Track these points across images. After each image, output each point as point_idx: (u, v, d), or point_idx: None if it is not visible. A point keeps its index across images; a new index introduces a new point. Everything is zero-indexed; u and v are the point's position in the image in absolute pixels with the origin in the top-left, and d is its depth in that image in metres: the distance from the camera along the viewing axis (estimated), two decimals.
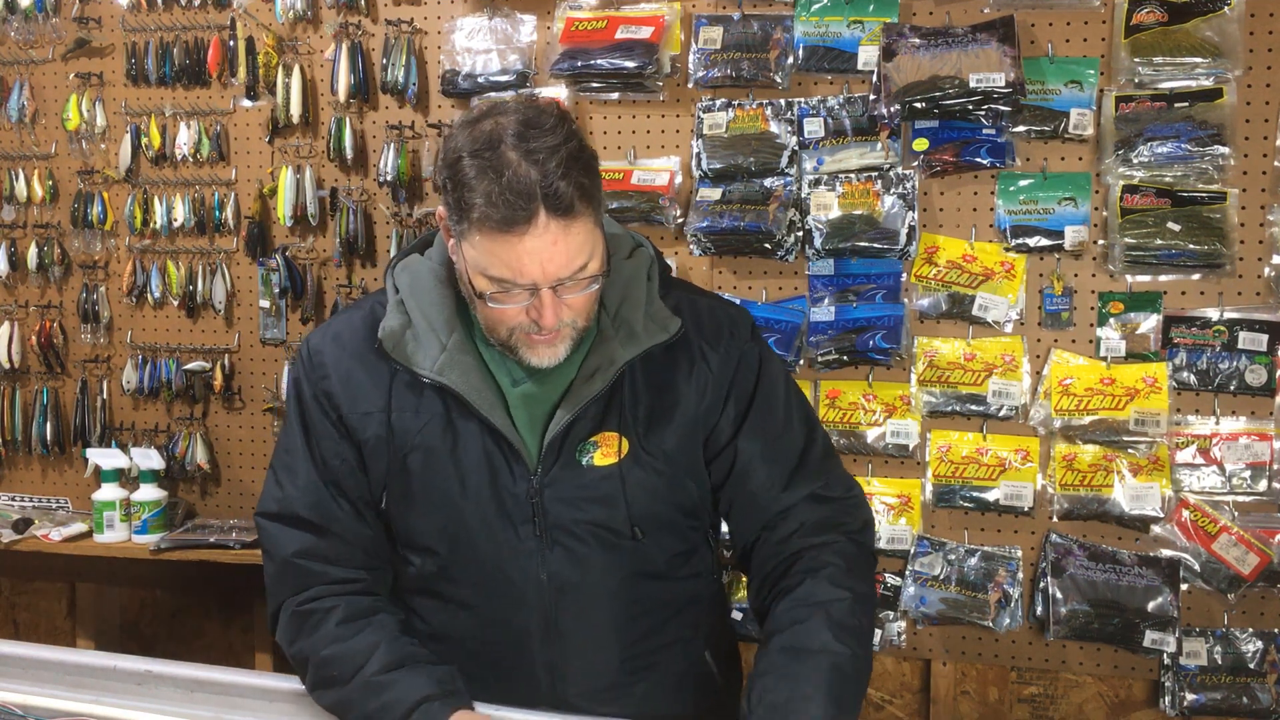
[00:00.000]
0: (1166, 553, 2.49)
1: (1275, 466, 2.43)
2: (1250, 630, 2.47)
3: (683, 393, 1.56)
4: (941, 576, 2.58)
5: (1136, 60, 2.44)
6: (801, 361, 2.65)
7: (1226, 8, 2.40)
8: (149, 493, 3.04)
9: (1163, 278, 2.48)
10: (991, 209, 2.57)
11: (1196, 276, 2.46)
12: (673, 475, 1.56)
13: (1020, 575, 2.56)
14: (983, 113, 2.48)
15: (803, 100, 2.65)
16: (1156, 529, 2.49)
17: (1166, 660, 2.48)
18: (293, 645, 1.54)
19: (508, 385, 1.54)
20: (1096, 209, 2.51)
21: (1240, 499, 2.46)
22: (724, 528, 1.70)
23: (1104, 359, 2.51)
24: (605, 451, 1.53)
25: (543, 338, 1.45)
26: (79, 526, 3.09)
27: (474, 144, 1.39)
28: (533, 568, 1.53)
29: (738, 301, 2.59)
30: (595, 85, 2.73)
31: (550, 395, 1.53)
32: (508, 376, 1.54)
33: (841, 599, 1.47)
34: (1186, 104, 2.43)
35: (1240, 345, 2.44)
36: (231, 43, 3.04)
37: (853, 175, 2.61)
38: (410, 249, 1.62)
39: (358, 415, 1.54)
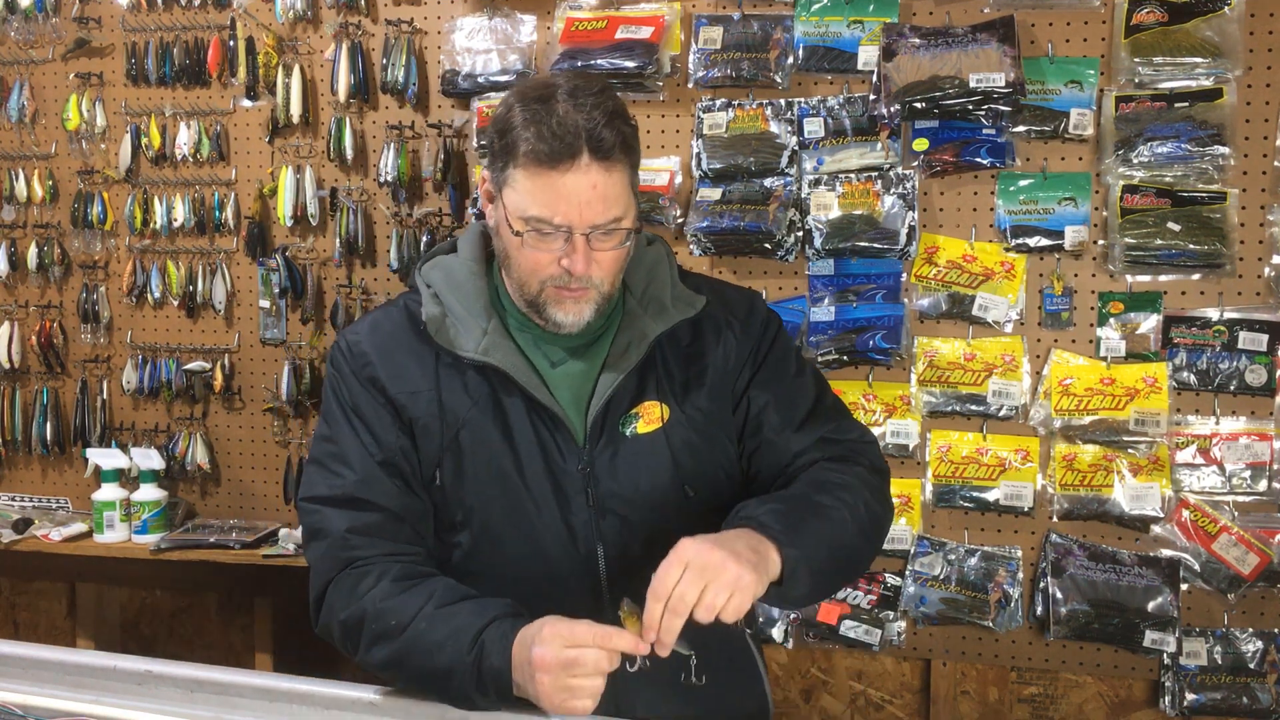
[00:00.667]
0: (1166, 553, 2.49)
1: (1275, 466, 2.43)
2: (1250, 630, 2.47)
3: (710, 360, 1.63)
4: (942, 576, 2.58)
5: (1136, 60, 2.44)
6: None
7: (1226, 8, 2.40)
8: (149, 493, 3.04)
9: (1163, 278, 2.48)
10: (991, 209, 2.57)
11: (1196, 276, 2.46)
12: (712, 434, 1.63)
13: (1020, 575, 2.56)
14: (983, 113, 2.48)
15: (803, 100, 2.65)
16: (1156, 529, 2.49)
17: (1166, 660, 2.48)
18: (344, 611, 1.51)
19: (546, 367, 1.59)
20: (1096, 209, 2.51)
21: (1240, 499, 2.46)
22: None
23: (1104, 359, 2.51)
24: (647, 420, 1.59)
25: (571, 292, 1.50)
26: (79, 526, 3.10)
27: (525, 95, 1.48)
28: (588, 540, 1.56)
29: None
30: None
31: (589, 374, 1.59)
32: (545, 359, 1.59)
33: (831, 473, 1.58)
34: (1186, 104, 2.43)
35: (1240, 345, 2.44)
36: (231, 43, 3.04)
37: (853, 175, 2.61)
38: (435, 252, 1.68)
39: (406, 394, 1.57)
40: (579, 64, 2.68)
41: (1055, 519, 2.54)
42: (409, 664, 1.45)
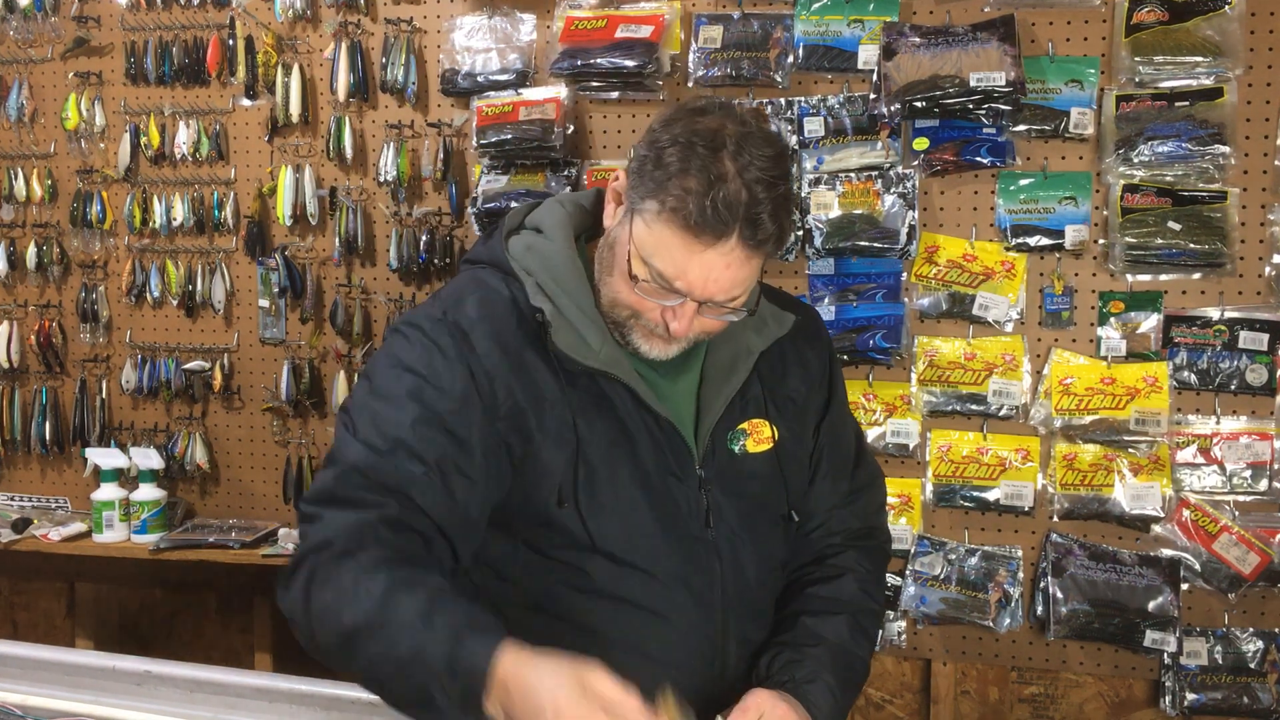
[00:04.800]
0: (1167, 552, 2.49)
1: (1276, 466, 2.43)
2: (1251, 630, 2.46)
3: (794, 384, 1.61)
4: (942, 576, 2.58)
5: (1137, 59, 2.44)
6: None
7: (1227, 7, 2.39)
8: (148, 492, 3.04)
9: (1163, 277, 2.48)
10: (992, 208, 2.57)
11: (1197, 276, 2.46)
12: (803, 457, 1.62)
13: (1020, 575, 2.56)
14: (983, 112, 2.47)
15: (803, 99, 2.64)
16: (1157, 528, 2.49)
17: (1167, 660, 2.48)
18: (324, 586, 1.31)
19: (654, 377, 1.50)
20: (1097, 208, 2.51)
21: (1241, 498, 2.46)
22: None
23: (1104, 358, 2.51)
24: (757, 439, 1.54)
25: (663, 339, 1.43)
26: (78, 526, 3.09)
27: (692, 134, 1.34)
28: (707, 560, 1.50)
29: None
30: (595, 84, 2.73)
31: (689, 386, 1.52)
32: (648, 368, 1.49)
33: (869, 610, 1.62)
34: (1187, 103, 2.42)
35: (1241, 345, 2.44)
36: (231, 42, 3.04)
37: (853, 174, 2.61)
38: (514, 225, 1.54)
39: (533, 404, 1.43)
40: (579, 63, 2.67)
41: (1055, 519, 2.54)
42: (362, 643, 1.26)
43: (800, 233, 2.63)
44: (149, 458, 3.07)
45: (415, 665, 1.23)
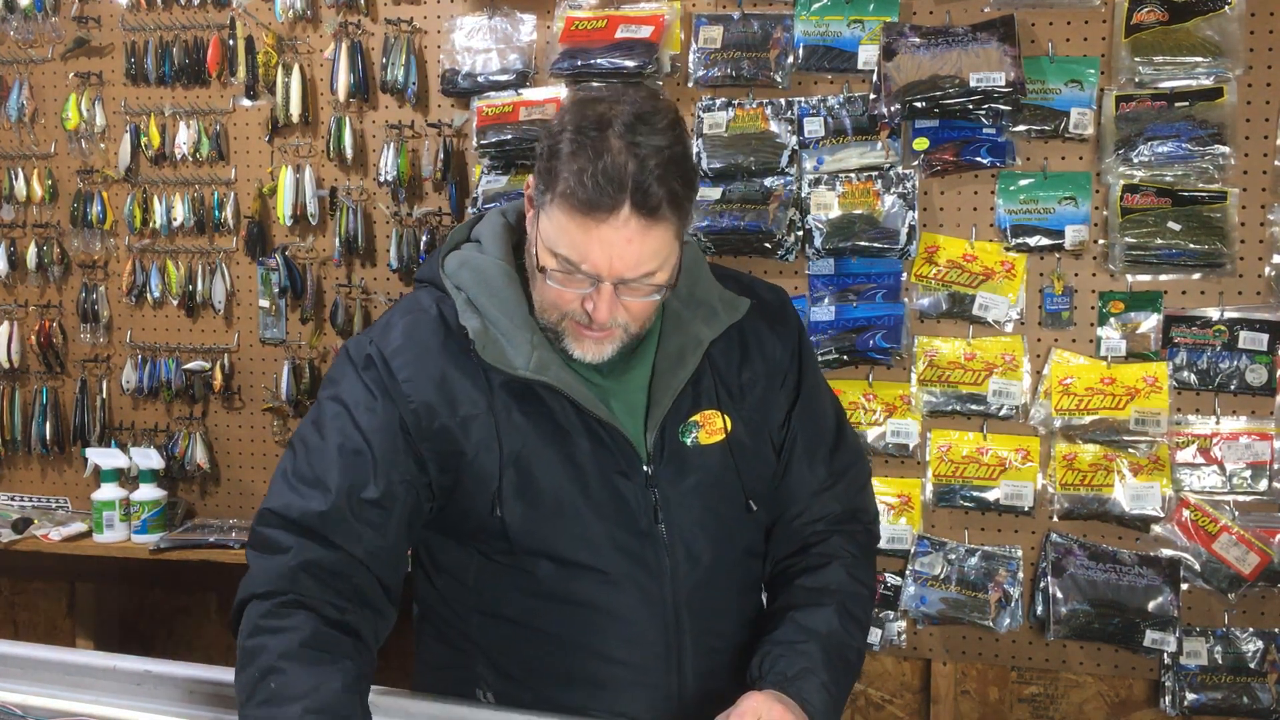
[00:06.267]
0: (1167, 552, 2.49)
1: (1276, 466, 2.43)
2: (1250, 630, 2.46)
3: (755, 369, 1.59)
4: (942, 576, 2.58)
5: (1137, 59, 2.44)
6: None
7: (1227, 7, 2.39)
8: (148, 492, 3.04)
9: (1163, 277, 2.48)
10: (992, 208, 2.57)
11: (1197, 276, 2.46)
12: (762, 445, 1.59)
13: (1020, 575, 2.56)
14: (983, 112, 2.47)
15: (803, 100, 2.64)
16: (1157, 529, 2.49)
17: (1167, 660, 2.48)
18: (249, 640, 1.39)
19: (596, 378, 1.50)
20: (1097, 208, 2.51)
21: (1240, 498, 2.46)
22: None
23: (1104, 358, 2.51)
24: (709, 430, 1.53)
25: (592, 333, 1.43)
26: (78, 526, 3.09)
27: (581, 121, 1.37)
28: (658, 559, 1.50)
29: None
30: (595, 85, 2.72)
31: (639, 381, 1.51)
32: (593, 369, 1.50)
33: (857, 595, 1.59)
34: (1187, 103, 2.42)
35: (1240, 345, 2.44)
36: (231, 42, 3.04)
37: (853, 175, 2.61)
38: (454, 243, 1.57)
39: (459, 420, 1.45)
40: (579, 63, 2.67)
41: (1055, 519, 2.54)
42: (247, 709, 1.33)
43: (800, 233, 2.63)
44: (149, 458, 3.07)
45: None
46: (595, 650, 1.50)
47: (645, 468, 1.49)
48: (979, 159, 2.52)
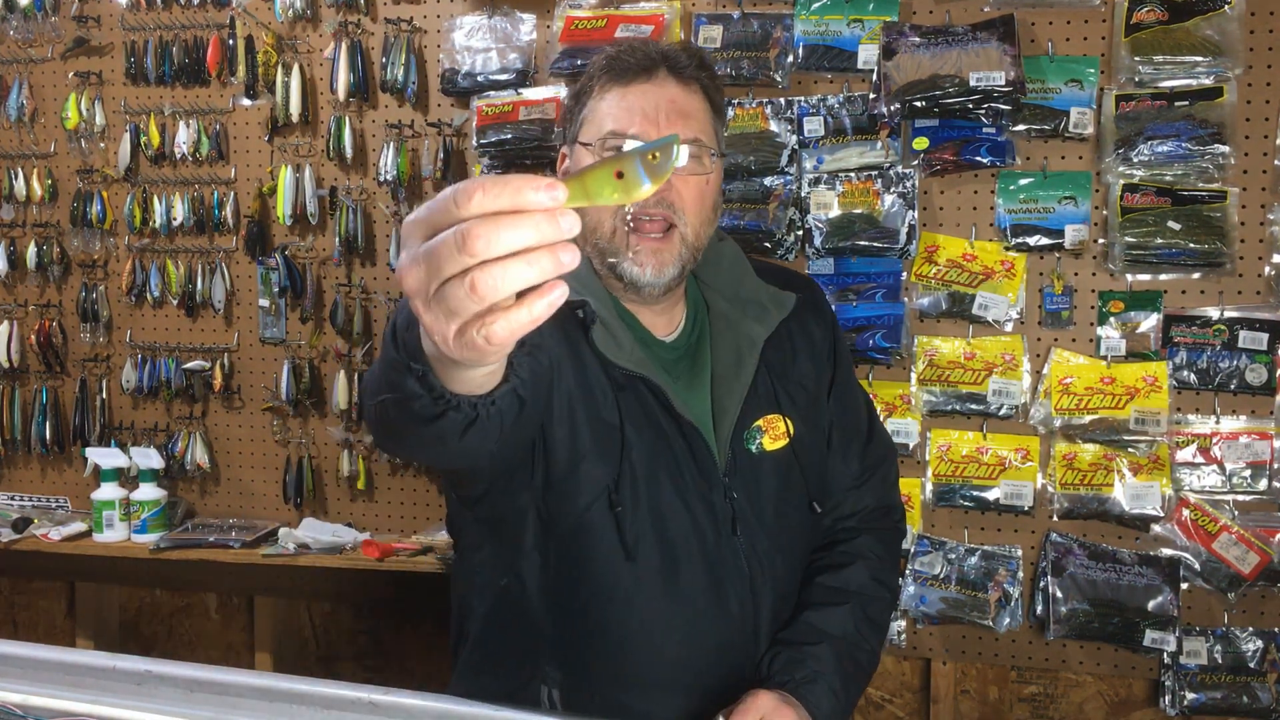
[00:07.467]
0: (1167, 552, 2.49)
1: (1275, 465, 2.43)
2: (1250, 629, 2.46)
3: (804, 366, 1.58)
4: (941, 576, 2.58)
5: (1137, 59, 2.44)
6: None
7: (1227, 6, 2.39)
8: (148, 492, 3.04)
9: (1163, 276, 2.48)
10: (991, 208, 2.57)
11: (1197, 275, 2.46)
12: (821, 444, 1.59)
13: (1020, 574, 2.56)
14: (983, 111, 2.47)
15: (803, 99, 2.64)
16: (1157, 528, 2.49)
17: (1167, 659, 2.48)
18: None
19: (674, 386, 1.47)
20: (1097, 208, 2.51)
21: (1240, 498, 2.46)
22: None
23: (1104, 358, 2.51)
24: (772, 435, 1.52)
25: (650, 238, 1.39)
26: (78, 526, 3.09)
27: (608, 52, 1.47)
28: (735, 567, 1.48)
29: None
30: None
31: (700, 385, 1.49)
32: (668, 376, 1.47)
33: (878, 598, 1.58)
34: (1187, 103, 2.42)
35: (1240, 344, 2.44)
36: (231, 41, 3.04)
37: (853, 174, 2.61)
38: None
39: (586, 396, 1.40)
40: (579, 63, 2.67)
41: (1055, 518, 2.54)
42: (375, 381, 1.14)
43: (800, 232, 2.63)
44: (149, 457, 3.07)
45: (387, 372, 1.09)
46: (670, 657, 1.48)
47: (724, 477, 1.48)
48: (979, 158, 2.52)
